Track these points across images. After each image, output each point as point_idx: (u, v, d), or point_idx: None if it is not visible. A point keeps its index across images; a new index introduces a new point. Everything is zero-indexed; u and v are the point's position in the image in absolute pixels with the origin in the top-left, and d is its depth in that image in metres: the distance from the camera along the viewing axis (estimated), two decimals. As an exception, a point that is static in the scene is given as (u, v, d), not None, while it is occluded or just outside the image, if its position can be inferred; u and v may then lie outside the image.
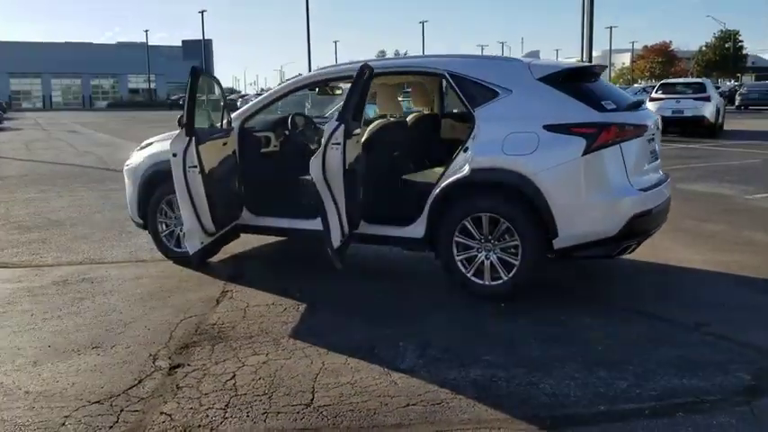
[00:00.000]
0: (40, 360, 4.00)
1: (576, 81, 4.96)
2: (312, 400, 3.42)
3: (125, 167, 6.54)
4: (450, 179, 4.96)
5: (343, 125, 4.53)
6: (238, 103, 55.95)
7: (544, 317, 4.58)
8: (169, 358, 4.01)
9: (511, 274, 4.82)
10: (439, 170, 5.74)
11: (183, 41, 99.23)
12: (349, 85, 6.66)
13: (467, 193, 4.94)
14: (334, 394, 3.48)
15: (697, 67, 74.46)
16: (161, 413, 3.34)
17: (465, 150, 4.97)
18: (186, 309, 4.92)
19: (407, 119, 6.45)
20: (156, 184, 6.17)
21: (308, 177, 5.94)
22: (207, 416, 3.30)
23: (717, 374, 3.61)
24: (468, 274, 4.98)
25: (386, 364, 3.84)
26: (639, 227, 4.73)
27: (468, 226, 4.93)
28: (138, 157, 6.40)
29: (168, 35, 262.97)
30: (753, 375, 3.60)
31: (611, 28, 74.09)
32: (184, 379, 3.71)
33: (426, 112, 6.76)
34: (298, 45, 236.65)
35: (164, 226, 6.24)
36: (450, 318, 4.59)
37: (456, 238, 4.99)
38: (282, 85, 6.17)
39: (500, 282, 4.87)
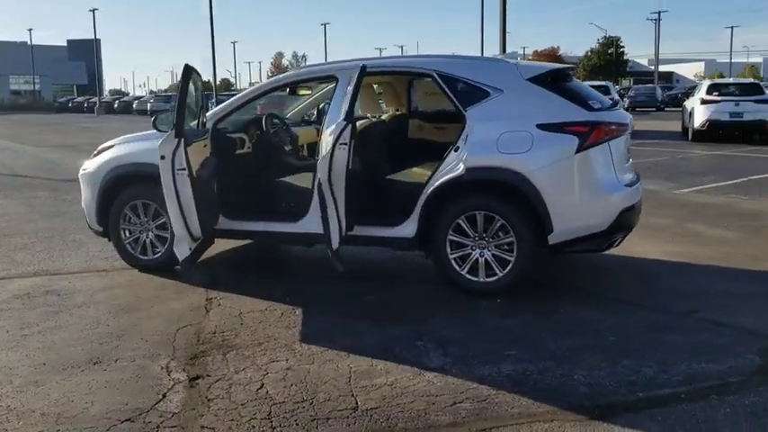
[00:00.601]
0: (40, 379, 3.69)
1: (559, 81, 5.12)
2: (357, 404, 3.35)
3: (81, 173, 6.15)
4: (444, 178, 4.98)
5: (350, 125, 4.46)
6: (134, 105, 54.12)
7: (544, 311, 4.69)
8: (183, 370, 3.80)
9: (506, 271, 4.91)
10: (418, 170, 5.78)
11: (69, 41, 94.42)
12: (321, 87, 6.67)
13: (461, 192, 4.99)
14: (376, 397, 3.42)
15: (583, 72, 78.39)
16: (201, 427, 3.16)
17: (456, 150, 5.01)
18: (176, 318, 4.68)
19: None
20: (118, 188, 5.85)
21: (284, 179, 5.85)
22: (252, 427, 3.16)
23: (728, 357, 3.83)
24: (463, 272, 5.02)
25: (414, 363, 3.81)
26: (626, 221, 4.94)
27: (462, 224, 4.98)
28: (96, 162, 6.03)
29: (55, 33, 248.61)
30: (760, 356, 3.85)
31: (506, 33, 76.50)
32: (211, 390, 3.53)
33: (398, 112, 6.77)
34: (189, 46, 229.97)
35: (127, 233, 5.91)
36: (452, 315, 4.62)
37: (450, 237, 5.02)
38: (257, 85, 5.99)
39: (495, 278, 4.95)
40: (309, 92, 6.74)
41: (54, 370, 3.81)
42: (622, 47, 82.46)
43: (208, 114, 5.68)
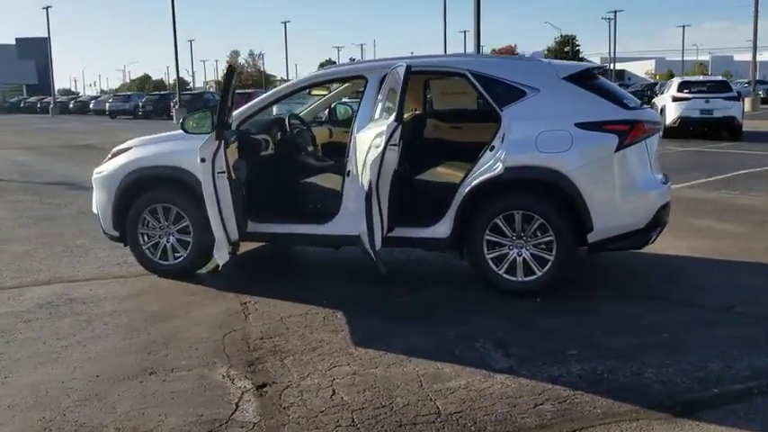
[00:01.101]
0: (100, 392, 3.54)
1: (592, 80, 5.15)
2: (438, 408, 3.30)
3: (95, 176, 5.95)
4: (482, 178, 4.97)
5: (400, 125, 4.39)
6: (91, 105, 52.59)
7: (585, 309, 4.72)
8: (246, 377, 3.70)
9: (545, 270, 4.92)
10: (443, 170, 5.76)
11: (18, 39, 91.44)
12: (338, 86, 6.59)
13: (499, 191, 4.98)
14: (455, 401, 3.38)
15: (541, 70, 79.32)
16: (288, 437, 3.09)
17: (491, 149, 5.00)
18: (218, 324, 4.57)
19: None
20: (136, 192, 5.69)
21: (310, 180, 5.76)
22: (339, 435, 3.09)
23: (784, 351, 3.91)
24: (500, 272, 5.02)
25: (480, 365, 3.79)
26: (662, 218, 5.00)
27: (500, 224, 4.98)
28: (112, 165, 5.84)
29: (3, 32, 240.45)
30: (814, 349, 3.94)
31: (464, 32, 77.53)
32: (283, 398, 3.45)
33: (416, 112, 6.73)
34: (141, 44, 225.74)
35: (146, 238, 5.75)
36: (496, 316, 4.60)
37: (487, 237, 5.01)
38: (284, 86, 5.86)
39: (534, 277, 4.95)
40: (326, 92, 6.65)
41: (110, 382, 3.67)
42: (578, 45, 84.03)
43: (233, 115, 5.55)
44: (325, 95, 6.98)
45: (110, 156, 5.98)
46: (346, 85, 6.80)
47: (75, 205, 9.56)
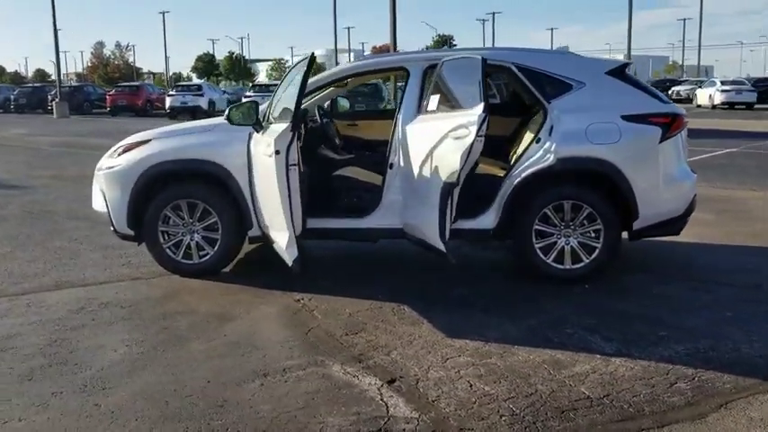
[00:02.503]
0: (228, 398, 3.31)
1: (628, 75, 5.38)
2: (586, 394, 3.35)
3: (104, 171, 5.50)
4: (533, 169, 5.06)
5: (487, 116, 4.35)
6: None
7: (639, 292, 4.94)
8: (368, 374, 3.58)
9: (593, 257, 5.09)
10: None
11: None
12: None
13: (550, 182, 5.10)
14: (595, 385, 3.43)
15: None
16: (461, 429, 3.03)
17: (538, 141, 5.11)
18: (290, 322, 4.41)
19: None
20: (159, 187, 5.33)
21: (344, 174, 5.63)
22: (513, 423, 3.07)
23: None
24: (548, 260, 5.14)
25: (589, 350, 3.87)
26: (693, 206, 5.32)
27: (549, 213, 5.10)
28: (127, 159, 5.41)
29: None
30: None
31: (348, 28, 77.91)
32: (424, 392, 3.37)
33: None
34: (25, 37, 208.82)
35: (166, 236, 5.40)
36: (564, 302, 4.70)
37: (536, 227, 5.12)
38: (321, 76, 5.65)
39: (581, 264, 5.11)
40: (344, 86, 6.49)
41: (228, 386, 3.44)
42: (455, 44, 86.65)
43: (262, 107, 5.31)
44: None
45: (120, 149, 5.55)
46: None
47: (15, 205, 8.79)
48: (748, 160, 12.74)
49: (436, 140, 4.63)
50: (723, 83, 37.43)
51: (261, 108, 5.23)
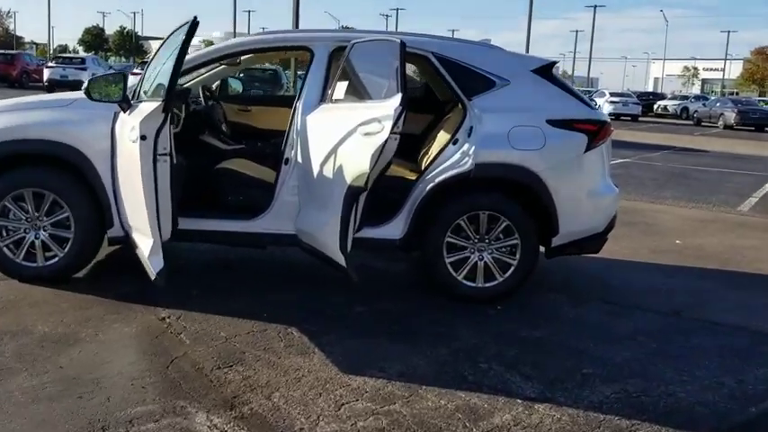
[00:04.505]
0: None
1: (555, 75, 4.88)
2: (509, 454, 2.76)
3: None
4: (448, 174, 4.46)
5: (405, 110, 3.67)
6: None
7: (556, 318, 4.44)
8: (240, 427, 2.83)
9: (507, 275, 4.56)
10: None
11: None
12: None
13: (466, 189, 4.51)
14: (518, 442, 2.86)
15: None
16: None
17: (455, 143, 4.52)
18: (148, 349, 3.58)
19: None
20: (-4, 172, 4.33)
21: (227, 167, 4.82)
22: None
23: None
24: (459, 277, 4.57)
25: (507, 393, 3.29)
26: (614, 223, 4.89)
27: (463, 225, 4.52)
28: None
29: None
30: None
31: (249, 12, 76.07)
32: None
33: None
34: None
35: (4, 232, 4.41)
36: (474, 328, 4.13)
37: (448, 239, 4.53)
38: (209, 49, 4.75)
39: (495, 283, 4.57)
40: (237, 65, 5.63)
41: (49, 447, 2.59)
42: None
43: (133, 82, 4.42)
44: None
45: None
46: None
47: None
48: (643, 171, 12.84)
49: (342, 135, 3.92)
50: (612, 94, 38.92)
51: (131, 82, 4.34)
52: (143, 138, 3.54)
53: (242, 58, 5.31)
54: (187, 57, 4.42)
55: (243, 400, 3.07)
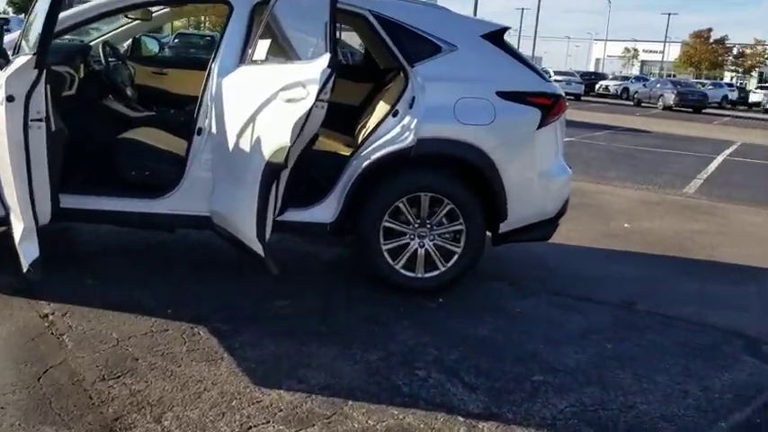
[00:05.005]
0: None
1: (506, 42, 4.37)
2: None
3: None
4: (385, 151, 3.93)
5: (334, 75, 3.09)
6: None
7: (501, 312, 3.99)
8: None
9: (450, 264, 4.09)
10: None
11: None
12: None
13: (407, 168, 4.00)
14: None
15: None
16: None
17: (395, 115, 3.99)
18: (19, 356, 2.96)
19: None
20: None
21: (130, 137, 4.18)
22: None
23: (735, 363, 3.59)
24: (397, 267, 4.07)
25: (447, 408, 2.82)
26: (566, 208, 4.46)
27: (403, 208, 4.01)
28: None
29: None
30: (761, 360, 3.68)
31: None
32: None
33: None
34: None
35: None
36: (413, 324, 3.65)
37: (385, 223, 4.02)
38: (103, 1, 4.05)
39: (437, 273, 4.09)
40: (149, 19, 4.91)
41: None
42: None
43: (7, 38, 3.70)
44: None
45: None
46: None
47: None
48: (587, 151, 12.60)
49: (261, 102, 3.34)
50: (556, 73, 39.02)
51: (10, 36, 3.65)
52: (9, 99, 2.88)
53: (153, 12, 4.64)
54: (82, 7, 3.75)
55: (125, 424, 2.50)
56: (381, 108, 4.26)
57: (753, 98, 42.70)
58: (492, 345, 3.51)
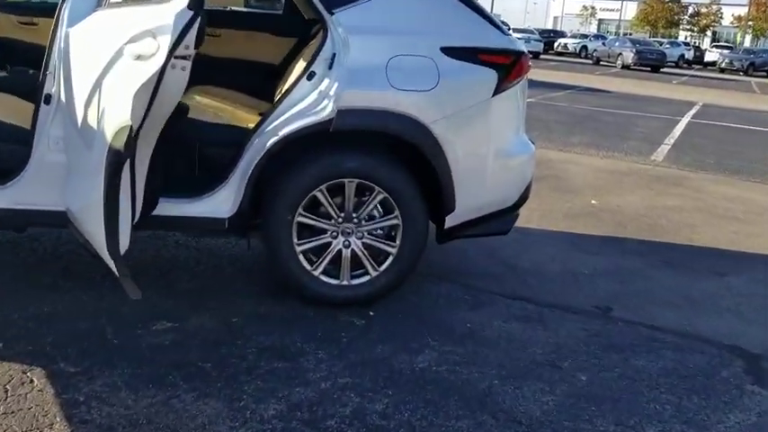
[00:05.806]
0: None
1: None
2: None
3: None
4: (298, 124, 3.01)
5: (199, 18, 2.14)
6: None
7: (447, 330, 3.17)
8: None
9: (384, 267, 3.23)
10: (206, 101, 3.65)
11: None
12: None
13: (325, 147, 3.09)
14: None
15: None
16: None
17: (310, 77, 3.06)
18: None
19: None
20: None
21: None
22: None
23: (729, 388, 2.85)
24: (315, 273, 3.19)
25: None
26: (529, 192, 3.62)
27: (322, 198, 3.12)
28: None
29: None
30: (759, 384, 2.94)
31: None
32: None
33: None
34: None
35: None
36: (335, 350, 2.81)
37: (299, 218, 3.12)
38: None
39: (367, 279, 3.23)
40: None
41: None
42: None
43: None
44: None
45: None
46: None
47: None
48: (548, 114, 11.80)
49: (107, 60, 2.38)
50: (515, 30, 38.08)
51: None
52: None
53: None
54: None
55: None
56: (297, 69, 3.33)
57: (708, 57, 42.68)
58: (433, 383, 2.67)
